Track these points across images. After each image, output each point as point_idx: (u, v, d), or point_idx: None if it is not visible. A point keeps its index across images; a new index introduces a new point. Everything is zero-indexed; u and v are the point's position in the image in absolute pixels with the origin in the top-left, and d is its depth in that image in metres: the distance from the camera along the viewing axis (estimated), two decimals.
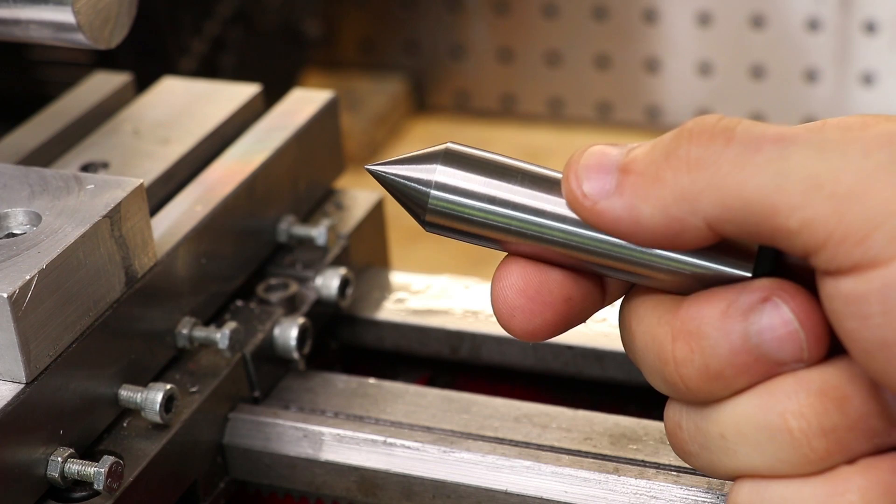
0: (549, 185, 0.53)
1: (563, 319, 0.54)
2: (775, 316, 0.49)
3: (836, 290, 0.46)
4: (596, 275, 0.55)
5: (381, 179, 0.55)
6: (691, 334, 0.50)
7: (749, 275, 0.51)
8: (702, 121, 0.49)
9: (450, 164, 0.54)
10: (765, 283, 0.49)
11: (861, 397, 0.48)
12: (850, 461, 0.49)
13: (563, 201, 0.53)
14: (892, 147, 0.45)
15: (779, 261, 0.52)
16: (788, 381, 0.49)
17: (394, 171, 0.55)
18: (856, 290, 0.45)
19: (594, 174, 0.51)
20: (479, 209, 0.54)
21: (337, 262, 0.82)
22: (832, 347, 0.50)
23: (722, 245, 0.51)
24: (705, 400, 0.51)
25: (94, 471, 0.63)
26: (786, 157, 0.46)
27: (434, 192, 0.54)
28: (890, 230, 0.44)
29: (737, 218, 0.47)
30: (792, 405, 0.49)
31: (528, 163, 0.55)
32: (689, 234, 0.49)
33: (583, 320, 0.55)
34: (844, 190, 0.45)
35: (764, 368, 0.49)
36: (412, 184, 0.54)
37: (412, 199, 0.54)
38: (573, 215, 0.53)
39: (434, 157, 0.54)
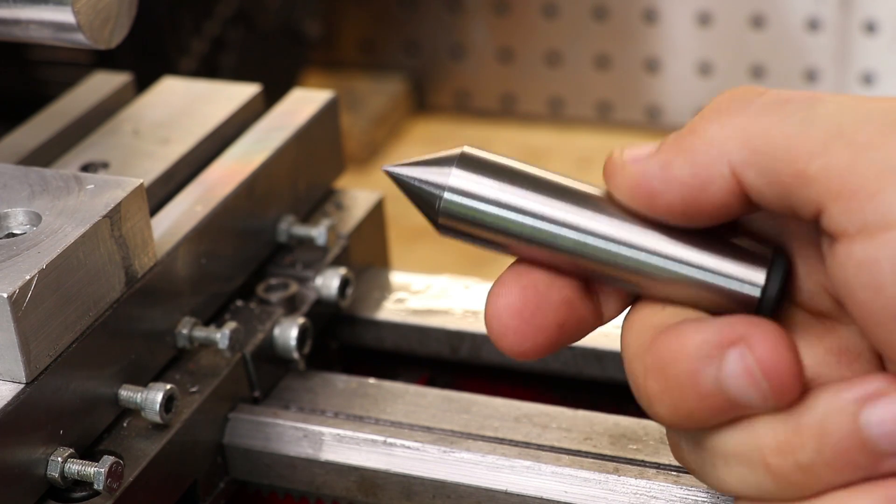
0: (561, 191, 0.54)
1: (553, 343, 0.54)
2: (739, 364, 0.48)
3: (847, 257, 0.46)
4: (605, 283, 0.55)
5: (397, 180, 0.55)
6: (661, 372, 0.50)
7: (757, 295, 0.51)
8: (737, 87, 0.51)
9: (465, 167, 0.54)
10: (737, 326, 0.49)
11: (840, 434, 0.48)
12: (844, 486, 0.48)
13: (575, 208, 0.53)
14: None
15: (788, 277, 0.52)
16: (766, 417, 0.49)
17: (409, 173, 0.55)
18: (867, 256, 0.45)
19: (636, 148, 0.52)
20: (492, 214, 0.54)
21: (337, 262, 0.82)
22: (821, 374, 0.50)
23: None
24: (689, 430, 0.52)
25: (94, 471, 0.63)
26: (813, 107, 0.47)
27: (447, 196, 0.54)
28: None
29: (760, 162, 0.48)
30: (769, 441, 0.49)
31: (542, 169, 0.55)
32: (715, 183, 0.49)
33: (573, 342, 0.55)
34: (863, 140, 0.45)
35: (735, 410, 0.49)
36: (426, 186, 0.54)
37: (426, 200, 0.55)
38: (585, 223, 0.53)
39: (450, 160, 0.55)
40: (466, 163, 0.55)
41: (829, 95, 0.48)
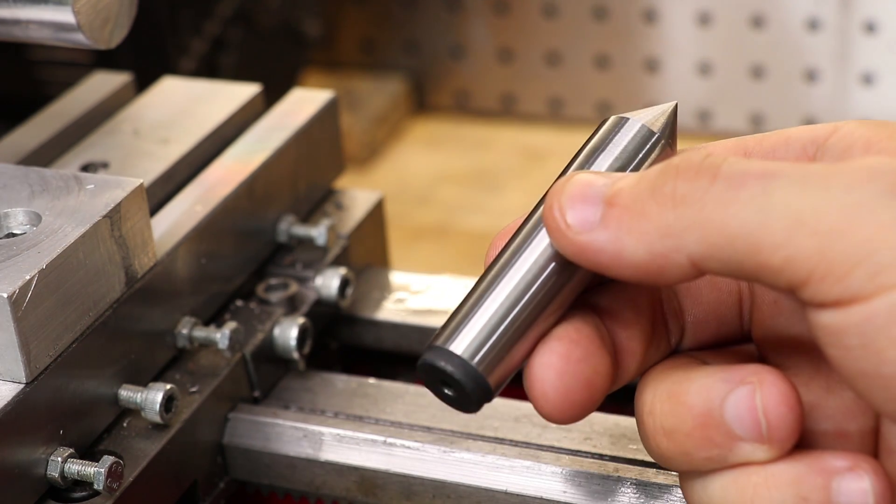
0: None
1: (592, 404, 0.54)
2: (746, 399, 0.49)
3: (818, 322, 0.47)
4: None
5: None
6: (668, 404, 0.52)
7: None
8: (688, 157, 0.49)
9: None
10: (751, 368, 0.50)
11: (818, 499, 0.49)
12: None
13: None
14: (873, 183, 0.45)
15: None
16: (758, 470, 0.50)
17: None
18: (837, 323, 0.46)
19: (578, 204, 0.50)
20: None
21: (337, 262, 0.82)
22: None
23: None
24: (685, 469, 0.52)
25: (94, 471, 0.63)
26: (769, 193, 0.46)
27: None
28: (870, 268, 0.44)
29: (721, 255, 0.47)
30: (756, 487, 0.50)
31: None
32: (673, 270, 0.48)
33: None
34: (826, 227, 0.45)
35: (731, 446, 0.50)
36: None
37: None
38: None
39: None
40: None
41: (785, 170, 0.47)
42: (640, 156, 0.54)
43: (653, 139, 0.54)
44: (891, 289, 0.44)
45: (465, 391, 0.53)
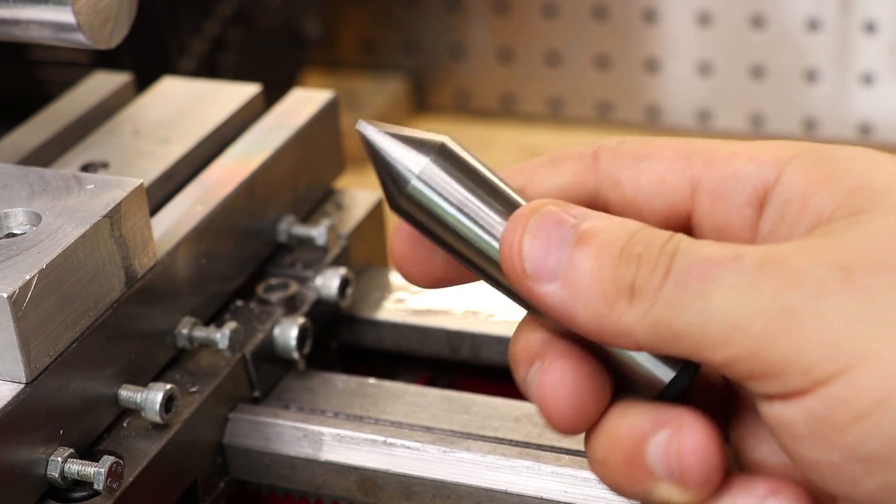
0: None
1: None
2: (663, 444, 0.51)
3: (767, 412, 0.49)
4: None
5: (369, 145, 0.55)
6: (604, 442, 0.53)
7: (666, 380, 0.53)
8: (651, 241, 0.50)
9: (440, 160, 0.54)
10: (674, 411, 0.51)
11: None
12: None
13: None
14: (799, 290, 0.47)
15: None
16: None
17: (383, 146, 0.54)
18: (783, 415, 0.48)
19: (540, 250, 0.51)
20: (450, 215, 0.53)
21: (337, 262, 0.82)
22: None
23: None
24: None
25: (94, 471, 0.63)
26: (707, 297, 0.48)
27: (414, 183, 0.53)
28: (802, 366, 0.46)
29: (667, 348, 0.49)
30: None
31: (508, 184, 0.54)
32: (619, 343, 0.51)
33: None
34: (758, 331, 0.47)
35: (653, 485, 0.51)
36: (397, 165, 0.54)
37: (392, 176, 0.54)
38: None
39: (428, 148, 0.54)
40: (443, 156, 0.54)
41: (726, 269, 0.48)
42: None
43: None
44: (824, 383, 0.46)
45: None
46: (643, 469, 0.51)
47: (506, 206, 0.53)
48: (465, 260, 0.54)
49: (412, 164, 0.53)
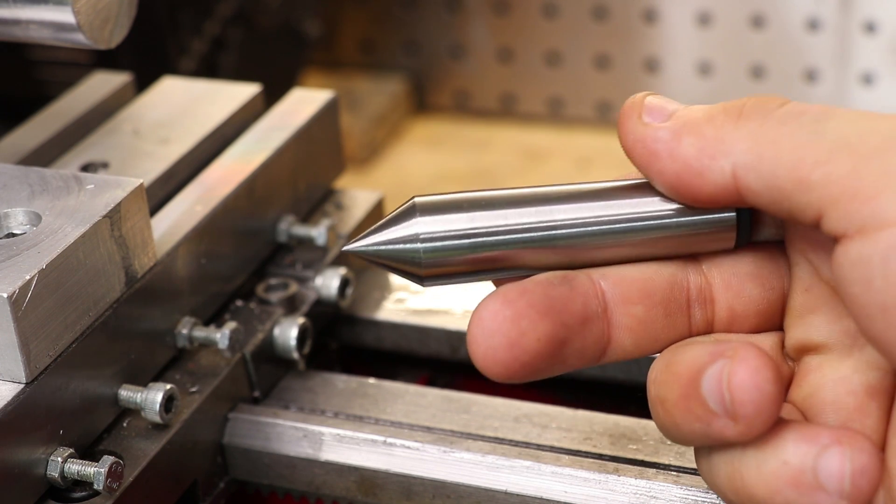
0: (523, 201, 0.54)
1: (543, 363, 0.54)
2: (716, 373, 0.50)
3: (843, 256, 0.48)
4: (596, 262, 0.55)
5: (366, 254, 0.55)
6: (664, 376, 0.53)
7: (733, 220, 0.54)
8: (763, 96, 0.53)
9: (427, 213, 0.54)
10: (732, 343, 0.51)
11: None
12: None
13: (546, 207, 0.54)
14: None
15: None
16: (738, 449, 0.52)
17: (376, 241, 0.55)
18: (860, 254, 0.47)
19: (656, 110, 0.54)
20: (471, 243, 0.54)
21: (337, 262, 0.82)
22: None
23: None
24: (680, 441, 0.54)
25: (94, 471, 0.63)
26: (825, 120, 0.50)
27: (424, 245, 0.54)
28: None
29: (763, 167, 0.50)
30: (743, 472, 0.52)
31: (493, 189, 0.55)
32: (712, 176, 0.52)
33: (569, 368, 0.56)
34: (868, 149, 0.48)
35: (710, 421, 0.51)
36: (400, 245, 0.54)
37: (404, 260, 0.54)
38: (564, 214, 0.54)
39: (408, 214, 0.54)
40: (425, 210, 0.54)
41: (843, 111, 0.51)
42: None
43: None
44: None
45: None
46: (699, 402, 0.50)
47: (505, 202, 0.54)
48: (497, 265, 0.54)
49: (410, 233, 0.54)
